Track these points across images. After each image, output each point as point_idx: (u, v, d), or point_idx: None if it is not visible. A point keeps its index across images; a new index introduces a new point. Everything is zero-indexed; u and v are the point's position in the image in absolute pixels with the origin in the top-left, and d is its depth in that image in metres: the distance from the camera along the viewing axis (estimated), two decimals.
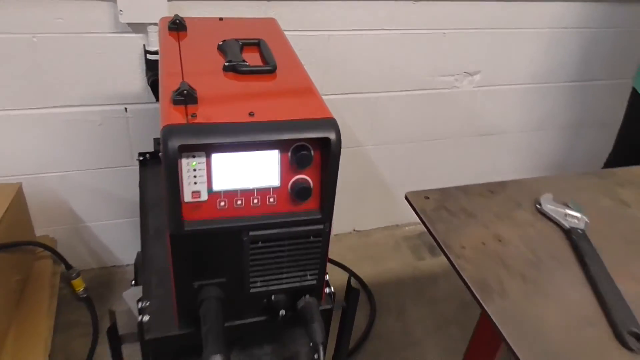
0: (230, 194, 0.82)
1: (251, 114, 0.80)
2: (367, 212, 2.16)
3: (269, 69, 0.93)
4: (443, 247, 0.88)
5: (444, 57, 1.84)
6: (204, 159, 0.79)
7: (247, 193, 0.82)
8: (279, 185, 0.83)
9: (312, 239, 0.88)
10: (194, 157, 0.78)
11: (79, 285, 1.85)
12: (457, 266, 0.85)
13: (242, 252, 0.86)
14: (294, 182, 0.83)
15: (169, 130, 0.75)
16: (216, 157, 0.79)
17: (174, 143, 0.74)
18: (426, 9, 1.71)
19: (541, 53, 1.94)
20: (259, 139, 0.78)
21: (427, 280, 2.05)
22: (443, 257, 0.89)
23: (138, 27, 1.49)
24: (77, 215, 1.86)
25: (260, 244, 0.86)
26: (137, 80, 1.60)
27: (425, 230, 0.97)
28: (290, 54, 1.04)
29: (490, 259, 0.89)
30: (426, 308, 1.93)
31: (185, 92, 0.79)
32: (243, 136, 0.77)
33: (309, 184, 0.83)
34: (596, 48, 1.99)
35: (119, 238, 1.95)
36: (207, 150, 0.78)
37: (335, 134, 0.79)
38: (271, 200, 0.84)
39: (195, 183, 0.80)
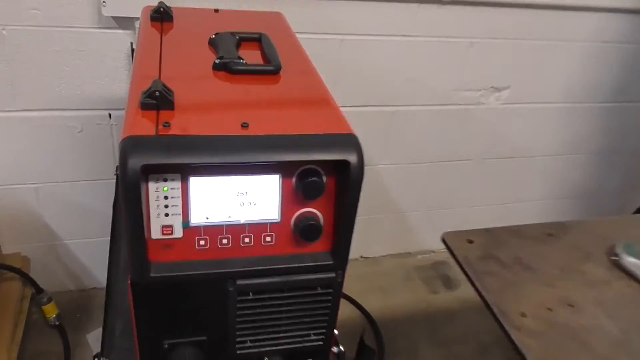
0: (214, 230, 0.62)
1: (245, 125, 0.60)
2: (376, 238, 1.97)
3: (271, 69, 0.73)
4: (497, 314, 0.68)
5: (470, 69, 1.66)
6: (178, 184, 0.59)
7: (236, 229, 0.63)
8: (279, 220, 0.63)
9: (320, 290, 0.68)
10: (165, 180, 0.58)
11: (51, 311, 1.64)
12: (517, 343, 0.64)
13: (227, 305, 0.66)
14: (299, 217, 0.63)
15: (131, 144, 0.55)
16: (195, 182, 0.59)
17: (136, 161, 0.54)
18: (452, 14, 1.53)
19: (577, 69, 1.76)
20: (254, 160, 0.58)
21: (442, 318, 1.84)
22: (460, 291, 0.68)
23: (124, 22, 1.30)
24: (53, 232, 1.66)
25: (251, 296, 0.66)
26: (124, 82, 1.41)
27: (441, 259, 0.76)
28: (299, 52, 0.84)
29: (561, 333, 0.68)
30: (440, 350, 1.72)
31: (157, 93, 0.60)
32: (232, 154, 0.58)
33: (319, 219, 0.63)
34: (638, 66, 1.80)
35: (99, 258, 1.74)
36: (184, 171, 0.59)
37: (357, 155, 0.60)
38: (268, 239, 0.64)
39: (166, 215, 0.60)
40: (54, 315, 1.63)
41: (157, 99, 0.60)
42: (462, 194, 1.95)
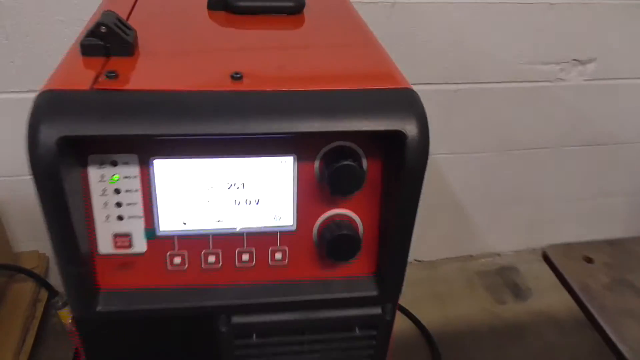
0: (195, 242, 0.41)
1: (236, 77, 0.38)
2: (433, 238, 1.75)
3: (289, 5, 0.51)
4: None
5: (548, 37, 1.41)
6: (136, 169, 0.38)
7: (228, 241, 0.42)
8: (295, 227, 0.41)
9: (358, 332, 0.45)
10: (114, 164, 0.37)
11: (67, 316, 1.48)
12: None
13: (219, 351, 0.44)
14: (325, 224, 0.42)
15: (46, 103, 0.34)
16: (162, 167, 0.38)
17: (51, 131, 0.33)
18: None
19: None
20: (252, 130, 0.36)
21: (511, 333, 1.60)
22: (531, 302, 0.49)
23: None
24: None
25: (254, 340, 0.44)
26: None
27: (508, 264, 0.55)
28: None
29: None
30: None
31: (103, 29, 0.38)
32: (216, 121, 0.36)
33: (357, 227, 0.41)
34: None
35: None
36: (143, 150, 0.38)
37: (418, 123, 0.37)
38: (278, 257, 0.42)
39: (120, 218, 0.39)
40: (71, 320, 1.48)
41: (105, 39, 0.39)
42: (534, 188, 1.71)
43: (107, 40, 0.39)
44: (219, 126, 0.36)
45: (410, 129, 0.36)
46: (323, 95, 0.37)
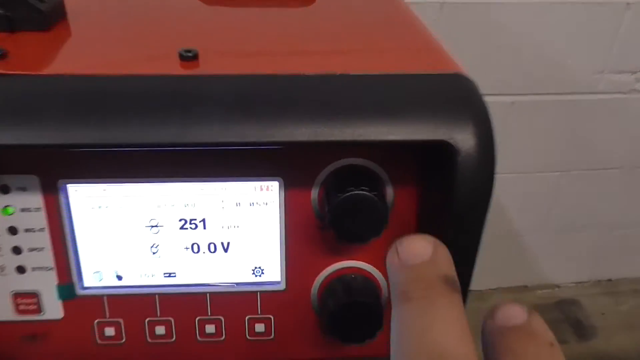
0: (134, 305, 0.29)
1: (187, 56, 0.24)
2: (484, 266, 1.60)
3: None
4: None
5: (623, 42, 1.33)
6: (38, 198, 0.26)
7: (184, 305, 0.29)
8: (284, 286, 0.28)
9: None
10: (4, 190, 0.26)
11: None
12: None
13: None
14: (329, 281, 0.28)
15: None
16: (80, 194, 0.26)
17: None
18: None
19: None
20: (210, 139, 0.23)
21: None
22: (596, 342, 0.52)
23: None
24: None
25: None
26: None
27: (569, 297, 0.64)
28: None
29: None
30: None
31: None
32: (155, 126, 0.23)
33: (378, 288, 0.27)
34: None
35: None
36: (46, 170, 0.25)
37: (476, 130, 0.23)
38: (259, 328, 0.29)
39: (21, 270, 0.27)
40: None
41: (6, 6, 0.27)
42: (602, 212, 1.61)
43: (9, 7, 0.27)
44: (158, 132, 0.23)
45: (463, 138, 0.22)
46: (322, 83, 0.24)
